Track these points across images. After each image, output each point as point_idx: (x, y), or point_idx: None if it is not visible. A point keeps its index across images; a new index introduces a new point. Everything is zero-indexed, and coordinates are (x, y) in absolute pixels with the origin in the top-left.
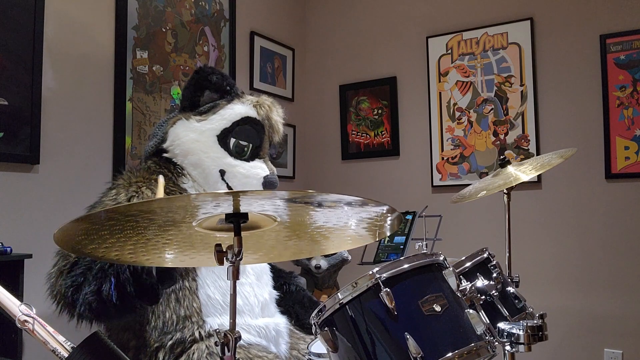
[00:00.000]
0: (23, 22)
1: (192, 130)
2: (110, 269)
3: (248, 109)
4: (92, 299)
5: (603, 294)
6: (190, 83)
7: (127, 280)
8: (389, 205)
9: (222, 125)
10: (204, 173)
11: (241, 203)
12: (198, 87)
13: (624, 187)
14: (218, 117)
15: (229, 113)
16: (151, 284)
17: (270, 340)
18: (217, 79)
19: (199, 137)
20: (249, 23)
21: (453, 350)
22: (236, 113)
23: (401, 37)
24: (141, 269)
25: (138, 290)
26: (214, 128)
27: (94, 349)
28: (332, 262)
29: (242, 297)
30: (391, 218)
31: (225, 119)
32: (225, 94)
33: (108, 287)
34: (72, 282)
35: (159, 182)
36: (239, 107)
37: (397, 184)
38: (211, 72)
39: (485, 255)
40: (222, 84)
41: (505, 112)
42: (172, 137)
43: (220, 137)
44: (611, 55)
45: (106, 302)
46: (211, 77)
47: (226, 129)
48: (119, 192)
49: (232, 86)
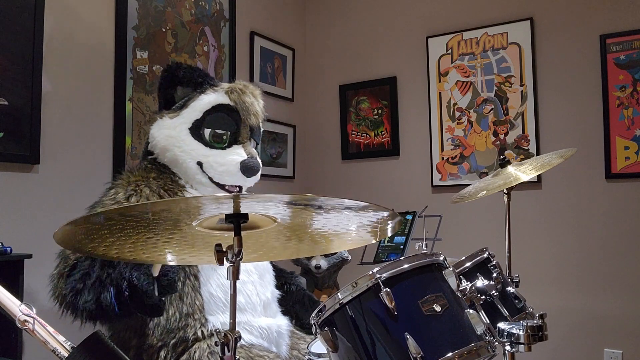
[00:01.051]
0: (23, 22)
1: (165, 127)
2: (107, 279)
3: (218, 96)
4: (92, 307)
5: (603, 294)
6: (161, 82)
7: (127, 300)
8: (390, 210)
9: (193, 117)
10: (183, 167)
11: (241, 204)
12: (168, 85)
13: (624, 187)
14: (189, 110)
15: (199, 104)
16: (152, 304)
17: (271, 341)
18: (185, 73)
19: (171, 133)
20: (249, 23)
21: (453, 350)
22: (205, 102)
23: (401, 37)
24: (142, 291)
25: (139, 308)
26: (184, 121)
27: (94, 349)
28: (332, 262)
29: (244, 295)
30: (392, 222)
31: (196, 110)
32: (198, 87)
33: (108, 297)
34: (71, 287)
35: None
36: (210, 97)
37: (397, 184)
38: (177, 67)
39: (485, 255)
40: (191, 76)
41: (505, 112)
42: (150, 138)
43: (192, 129)
44: (611, 55)
45: (106, 310)
46: (178, 72)
47: (197, 120)
48: (118, 192)
49: (204, 77)
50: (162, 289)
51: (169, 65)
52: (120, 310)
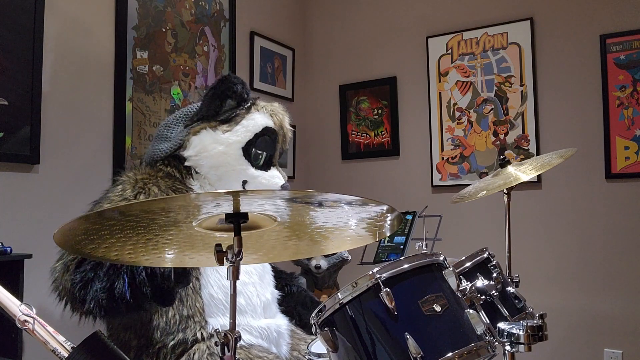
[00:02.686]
0: (23, 22)
1: (219, 142)
2: (123, 266)
3: (266, 118)
4: (103, 295)
5: (603, 294)
6: (215, 92)
7: (142, 282)
8: (388, 205)
9: (247, 137)
10: (227, 185)
11: (241, 203)
12: (222, 97)
13: (624, 187)
14: (242, 129)
15: (252, 124)
16: (168, 288)
17: (271, 341)
18: (241, 89)
19: (227, 150)
20: (249, 23)
21: (453, 350)
22: (258, 124)
23: (401, 37)
24: (159, 273)
25: (154, 292)
26: (239, 140)
27: (94, 349)
28: (332, 262)
29: (244, 297)
30: (391, 218)
31: (249, 131)
32: (242, 102)
33: (121, 284)
34: (81, 277)
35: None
36: (259, 118)
37: (397, 184)
38: (236, 81)
39: (485, 255)
40: (243, 93)
41: (505, 112)
42: (198, 148)
43: (244, 149)
44: (611, 55)
45: (118, 299)
46: (236, 87)
47: (250, 140)
48: (125, 189)
49: (249, 93)
50: (177, 276)
51: (227, 77)
52: (132, 299)
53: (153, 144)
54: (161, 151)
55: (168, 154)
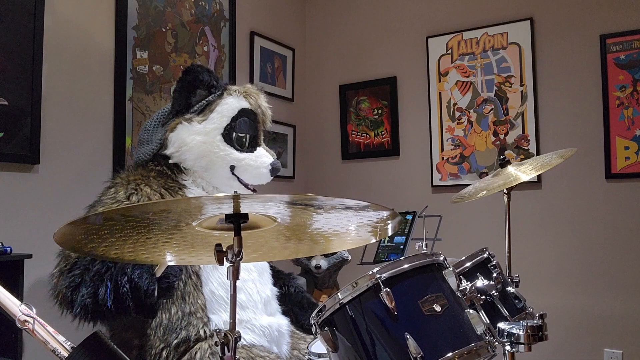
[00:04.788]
0: (23, 22)
1: (197, 133)
2: (107, 273)
3: (241, 100)
4: (88, 301)
5: (603, 294)
6: (182, 85)
7: (125, 295)
8: (390, 210)
9: (224, 123)
10: (216, 173)
11: (241, 204)
12: (190, 88)
13: (624, 187)
14: (217, 116)
15: (226, 109)
16: (150, 304)
17: (272, 340)
18: (207, 77)
19: (206, 139)
20: (249, 23)
21: (453, 350)
22: (232, 108)
23: (401, 37)
24: (143, 288)
25: (136, 306)
26: (216, 127)
27: (94, 349)
28: (332, 262)
29: (245, 293)
30: (392, 222)
31: (225, 116)
32: (212, 89)
33: (104, 291)
34: (69, 282)
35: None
36: (232, 101)
37: (397, 184)
38: (201, 70)
39: (485, 255)
40: (211, 80)
41: (505, 112)
42: (177, 143)
43: (224, 135)
44: (611, 55)
45: (101, 305)
46: (202, 75)
47: (228, 125)
48: (118, 190)
49: (217, 80)
50: (159, 290)
51: (191, 68)
52: (112, 306)
53: (137, 149)
54: (145, 154)
55: (151, 156)
